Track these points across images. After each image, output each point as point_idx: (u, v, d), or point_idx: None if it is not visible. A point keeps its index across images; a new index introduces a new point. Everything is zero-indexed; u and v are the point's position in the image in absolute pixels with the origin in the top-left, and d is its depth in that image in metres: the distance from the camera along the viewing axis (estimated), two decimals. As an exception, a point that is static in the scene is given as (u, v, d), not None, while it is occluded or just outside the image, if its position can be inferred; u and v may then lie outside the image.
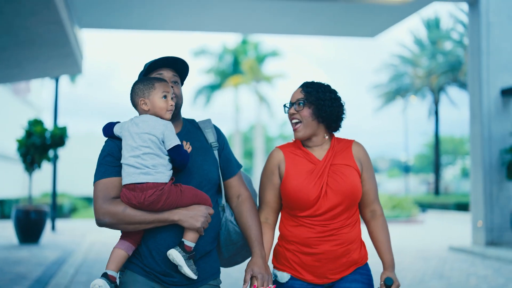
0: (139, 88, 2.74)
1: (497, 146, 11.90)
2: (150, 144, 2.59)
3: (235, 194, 3.01)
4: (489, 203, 11.85)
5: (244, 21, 12.78)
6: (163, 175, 2.58)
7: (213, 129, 3.02)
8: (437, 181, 38.64)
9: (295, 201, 2.94)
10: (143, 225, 2.62)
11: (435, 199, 35.65)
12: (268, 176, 3.09)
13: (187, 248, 2.63)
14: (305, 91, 3.01)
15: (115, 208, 2.60)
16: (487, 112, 11.97)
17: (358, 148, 3.09)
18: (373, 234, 3.08)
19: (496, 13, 12.09)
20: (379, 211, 3.11)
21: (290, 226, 3.00)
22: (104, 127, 2.82)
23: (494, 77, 12.01)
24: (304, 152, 3.04)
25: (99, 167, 2.71)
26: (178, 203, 2.62)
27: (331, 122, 3.00)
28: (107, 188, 2.64)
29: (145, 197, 2.54)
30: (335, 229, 2.92)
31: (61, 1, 7.22)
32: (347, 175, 2.94)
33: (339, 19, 12.45)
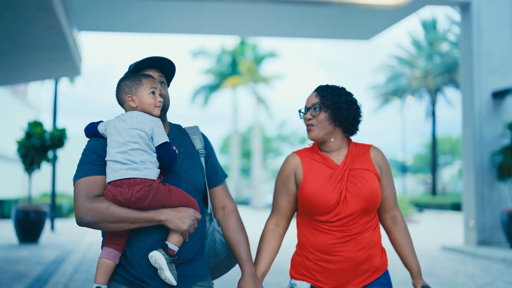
0: (125, 85, 2.67)
1: (489, 147, 12.12)
2: (138, 139, 2.51)
3: (220, 205, 2.94)
4: (481, 204, 12.07)
5: (242, 24, 13.00)
6: (151, 171, 2.49)
7: (201, 136, 2.96)
8: (434, 181, 38.88)
9: (314, 206, 2.87)
10: (127, 223, 2.51)
11: (432, 199, 35.91)
12: (283, 181, 3.01)
13: (170, 251, 2.54)
14: (320, 95, 2.95)
15: (98, 205, 2.48)
16: (479, 114, 12.19)
17: (377, 153, 3.02)
18: (396, 241, 3.00)
19: (487, 18, 12.31)
20: (399, 216, 3.04)
21: (309, 233, 2.93)
22: (86, 127, 2.73)
23: (486, 79, 12.23)
24: (321, 157, 2.98)
25: (82, 165, 2.60)
26: (165, 203, 2.53)
27: (348, 126, 2.95)
28: (90, 186, 2.53)
29: (132, 193, 2.44)
30: (355, 233, 2.85)
31: (60, 6, 7.43)
32: (367, 179, 2.88)
33: (335, 23, 12.67)
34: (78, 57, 10.68)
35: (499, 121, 12.18)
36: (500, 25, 12.36)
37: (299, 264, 2.97)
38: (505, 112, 12.22)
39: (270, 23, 12.81)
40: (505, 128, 11.80)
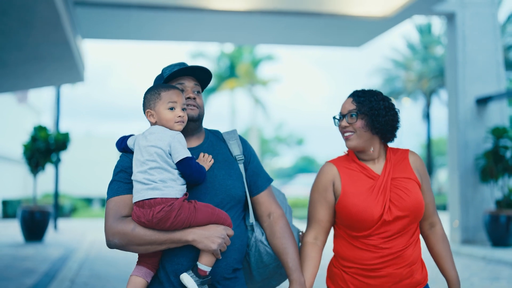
0: (146, 98, 2.57)
1: (472, 151, 12.71)
2: (156, 157, 2.41)
3: (265, 212, 2.75)
4: (465, 205, 12.67)
5: (237, 33, 13.59)
6: (173, 189, 2.39)
7: (239, 141, 2.79)
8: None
9: (357, 221, 2.72)
10: (154, 245, 2.40)
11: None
12: (320, 192, 2.86)
13: (201, 272, 2.43)
14: (356, 101, 2.82)
15: (124, 227, 2.40)
16: (463, 120, 12.79)
17: (415, 158, 2.90)
18: (434, 249, 2.89)
19: (471, 28, 12.92)
20: (438, 223, 2.94)
21: (349, 248, 2.80)
22: (118, 142, 2.65)
23: (470, 86, 12.83)
24: (360, 167, 2.85)
25: (112, 184, 2.53)
26: (191, 222, 2.40)
27: (386, 133, 2.82)
28: (118, 206, 2.46)
29: (153, 214, 2.35)
30: (400, 250, 2.73)
31: (67, 23, 8.02)
32: (410, 190, 2.75)
33: (326, 31, 13.24)
34: (82, 66, 11.28)
35: (482, 126, 12.77)
36: (483, 35, 12.96)
37: (336, 276, 2.87)
38: (488, 118, 12.82)
39: (264, 32, 13.40)
40: (488, 133, 12.40)
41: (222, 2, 11.14)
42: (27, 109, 31.50)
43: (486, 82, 12.87)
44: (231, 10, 11.43)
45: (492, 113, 12.84)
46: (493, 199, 12.46)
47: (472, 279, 8.60)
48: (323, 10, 11.68)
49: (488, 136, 12.40)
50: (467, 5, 12.96)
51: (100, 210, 27.04)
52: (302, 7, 11.58)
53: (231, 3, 11.18)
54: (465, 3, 12.94)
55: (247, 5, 11.33)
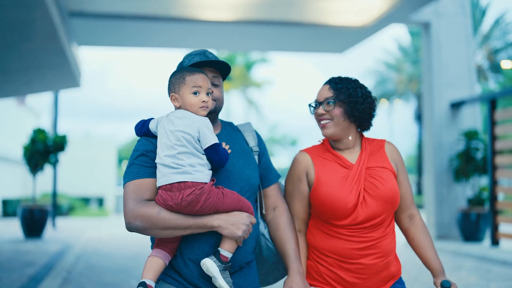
0: (171, 82, 2.54)
1: (446, 153, 13.49)
2: (185, 143, 2.38)
3: (271, 205, 2.78)
4: (440, 203, 13.45)
5: (224, 41, 14.38)
6: (202, 174, 2.38)
7: (254, 133, 2.82)
8: (420, 181, 40.21)
9: (330, 211, 2.66)
10: (178, 230, 2.37)
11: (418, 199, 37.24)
12: (294, 183, 2.80)
13: (223, 258, 2.41)
14: (333, 88, 2.75)
15: (148, 210, 2.35)
16: (438, 123, 13.57)
17: (392, 148, 2.84)
18: (415, 241, 2.81)
19: (445, 36, 13.71)
20: (417, 215, 2.86)
21: (324, 238, 2.73)
22: (137, 125, 2.60)
23: (444, 91, 13.62)
24: (334, 156, 2.77)
25: (131, 167, 2.48)
26: (218, 207, 2.38)
27: (363, 121, 2.77)
28: (140, 189, 2.42)
29: (183, 197, 2.32)
30: (375, 239, 2.66)
31: (63, 34, 8.79)
32: (385, 179, 2.69)
33: (309, 39, 14.01)
34: (78, 72, 12.06)
35: (456, 129, 13.55)
36: (457, 43, 13.75)
37: (310, 268, 2.80)
38: (461, 121, 13.60)
39: (250, 40, 14.18)
40: (460, 136, 13.19)
41: (210, 13, 11.92)
42: (27, 111, 32.14)
43: (459, 88, 13.66)
44: (219, 20, 12.22)
45: (465, 116, 13.62)
46: (465, 197, 13.25)
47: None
48: (305, 20, 12.47)
49: (461, 139, 13.19)
50: (441, 15, 13.76)
51: (97, 210, 27.75)
52: (286, 17, 12.36)
53: (218, 14, 11.96)
54: (439, 13, 13.74)
55: (234, 15, 12.11)
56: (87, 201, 29.70)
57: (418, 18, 13.59)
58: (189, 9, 11.72)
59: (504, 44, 32.13)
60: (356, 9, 11.94)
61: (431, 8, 13.61)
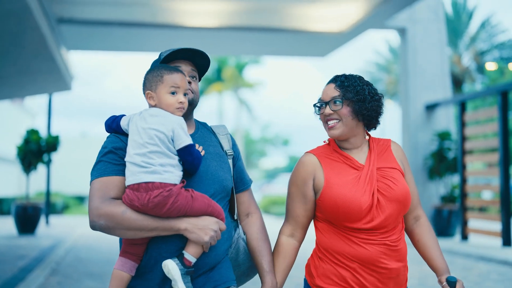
0: (147, 79, 2.46)
1: (421, 152, 14.15)
2: (157, 141, 2.31)
3: (244, 211, 2.73)
4: (415, 200, 14.08)
5: (209, 45, 14.99)
6: (172, 175, 2.31)
7: (229, 136, 2.75)
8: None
9: (344, 213, 2.52)
10: (144, 232, 2.30)
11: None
12: (299, 186, 2.66)
13: (187, 262, 2.33)
14: (340, 86, 2.63)
15: (113, 209, 2.29)
16: (414, 124, 14.22)
17: (397, 148, 2.76)
18: (421, 242, 2.70)
19: (420, 42, 14.37)
20: (423, 215, 2.77)
21: (341, 241, 2.58)
22: (107, 121, 2.52)
23: (420, 94, 14.27)
24: (343, 157, 2.65)
25: (98, 164, 2.41)
26: (187, 210, 2.31)
27: (372, 119, 2.65)
28: (106, 187, 2.35)
29: (150, 198, 2.25)
30: (395, 241, 2.55)
31: (52, 41, 9.42)
32: (397, 179, 2.59)
33: (290, 44, 14.63)
34: (69, 76, 12.70)
35: (430, 129, 14.21)
36: (431, 48, 14.41)
37: (330, 273, 2.60)
38: (435, 122, 14.26)
39: (234, 44, 14.82)
40: (434, 136, 13.84)
41: (196, 20, 12.54)
42: (23, 112, 32.61)
43: (434, 90, 14.31)
44: (204, 27, 12.84)
45: (439, 118, 14.28)
46: (438, 195, 13.90)
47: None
48: (286, 26, 13.10)
49: (434, 139, 13.84)
50: (416, 22, 14.41)
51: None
52: (268, 23, 12.99)
53: (203, 20, 12.58)
54: (414, 20, 14.39)
55: (218, 22, 12.73)
56: (81, 200, 30.22)
57: (395, 24, 14.23)
58: (175, 16, 12.35)
59: (491, 46, 32.77)
60: (334, 16, 12.58)
61: (406, 15, 14.26)
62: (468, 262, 9.99)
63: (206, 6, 11.82)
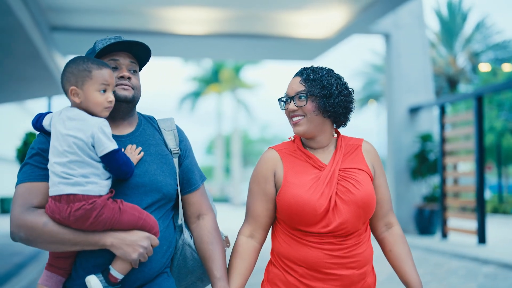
0: (71, 73, 2.17)
1: (405, 153, 14.65)
2: (76, 150, 2.10)
3: (194, 213, 2.48)
4: (400, 199, 14.59)
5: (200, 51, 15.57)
6: (96, 186, 2.11)
7: (175, 132, 2.48)
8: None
9: (298, 216, 2.37)
10: (66, 246, 2.12)
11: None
12: (259, 183, 2.49)
13: (112, 278, 2.15)
14: (305, 80, 2.45)
15: (34, 220, 2.10)
16: (398, 126, 14.73)
17: (369, 148, 2.55)
18: (392, 251, 2.51)
19: (404, 47, 14.87)
20: (395, 223, 2.57)
21: (293, 246, 2.42)
22: (33, 120, 2.27)
23: (404, 97, 14.77)
24: (305, 155, 2.48)
25: (25, 167, 2.21)
26: (113, 224, 2.12)
27: (339, 116, 2.46)
28: (30, 194, 2.16)
29: (71, 211, 2.07)
30: (349, 247, 2.38)
31: (45, 50, 9.96)
32: (361, 182, 2.40)
33: (278, 49, 15.16)
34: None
35: (413, 131, 14.71)
36: (414, 53, 14.92)
37: (277, 279, 2.47)
38: (418, 124, 14.77)
39: (226, 50, 15.36)
40: (416, 138, 14.35)
41: (184, 27, 13.07)
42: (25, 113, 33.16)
43: (417, 93, 14.81)
44: (193, 34, 13.37)
45: (422, 120, 14.78)
46: (420, 195, 14.42)
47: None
48: (272, 33, 13.63)
49: (416, 141, 14.34)
50: (400, 27, 14.91)
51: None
52: (254, 30, 13.52)
53: (192, 28, 13.11)
54: (398, 25, 14.89)
55: (207, 29, 13.26)
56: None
57: (379, 29, 14.74)
58: (165, 24, 12.88)
59: (486, 47, 33.17)
60: (319, 22, 13.07)
61: (390, 20, 14.76)
62: (441, 259, 10.50)
63: (195, 14, 12.33)
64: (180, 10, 12.04)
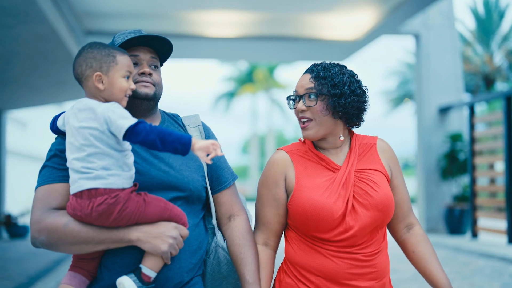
0: (94, 58, 2.06)
1: (435, 153, 14.68)
2: (93, 141, 1.99)
3: (226, 213, 2.37)
4: (429, 199, 14.64)
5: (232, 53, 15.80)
6: (119, 178, 2.00)
7: (201, 128, 2.40)
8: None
9: (314, 221, 2.22)
10: (90, 245, 2.02)
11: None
12: (269, 187, 2.35)
13: (145, 277, 2.05)
14: (315, 77, 2.29)
15: (55, 221, 2.01)
16: (428, 126, 14.77)
17: (385, 147, 2.41)
18: (415, 252, 2.38)
19: (434, 47, 14.90)
20: (416, 224, 2.45)
21: (308, 253, 2.27)
22: (51, 122, 2.22)
23: (433, 97, 14.81)
24: (317, 156, 2.34)
25: (43, 170, 2.15)
26: (139, 218, 2.01)
27: (352, 117, 2.30)
28: (49, 196, 2.08)
29: (93, 207, 1.97)
30: (369, 256, 2.24)
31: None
32: (378, 183, 2.26)
33: (307, 51, 15.34)
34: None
35: (443, 131, 14.74)
36: (444, 53, 14.94)
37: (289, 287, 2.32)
38: (448, 124, 14.79)
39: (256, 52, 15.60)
40: (446, 138, 14.38)
41: (215, 30, 13.35)
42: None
43: (447, 93, 14.83)
44: (224, 37, 13.64)
45: (452, 120, 14.79)
46: (450, 194, 14.45)
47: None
48: (301, 35, 13.82)
49: (446, 141, 14.37)
50: (430, 27, 14.94)
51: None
52: (284, 32, 13.72)
53: (223, 31, 13.39)
54: (428, 26, 14.93)
55: (237, 32, 13.53)
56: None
57: (409, 29, 14.79)
58: (197, 27, 13.18)
59: (523, 44, 32.72)
60: (347, 24, 13.21)
61: (420, 21, 14.80)
62: (468, 258, 10.56)
63: (226, 17, 12.60)
64: (212, 13, 12.31)
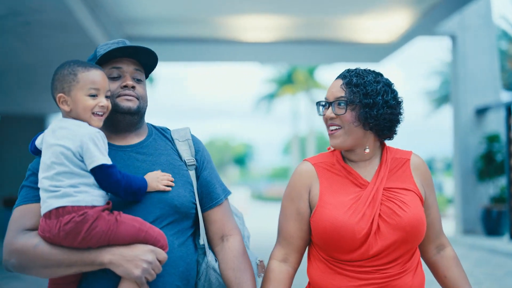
0: (58, 79, 1.98)
1: (472, 154, 14.65)
2: (63, 160, 1.89)
3: (217, 232, 2.23)
4: (466, 200, 14.61)
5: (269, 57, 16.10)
6: (88, 195, 1.89)
7: (190, 141, 2.27)
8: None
9: (334, 241, 2.10)
10: (62, 268, 1.90)
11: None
12: (293, 200, 2.21)
13: None
14: (347, 84, 2.15)
15: (25, 243, 1.91)
16: (464, 127, 14.75)
17: (419, 164, 2.25)
18: (447, 276, 2.27)
19: (470, 48, 14.86)
20: (448, 245, 2.33)
21: (325, 273, 2.16)
22: (30, 143, 2.11)
23: (470, 98, 14.77)
24: (345, 170, 2.20)
25: (21, 190, 2.05)
26: (110, 238, 1.88)
27: (383, 129, 2.16)
28: (24, 216, 1.98)
29: (60, 226, 1.84)
30: (392, 277, 2.10)
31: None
32: (408, 204, 2.12)
33: (343, 54, 15.50)
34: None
35: (480, 132, 14.69)
36: (481, 53, 14.88)
37: None
38: (485, 125, 14.73)
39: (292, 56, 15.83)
40: (483, 139, 14.35)
41: (252, 35, 13.64)
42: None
43: (483, 94, 14.78)
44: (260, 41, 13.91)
45: (489, 121, 14.74)
46: (487, 196, 14.40)
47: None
48: (336, 38, 13.98)
49: (483, 142, 14.33)
50: (466, 28, 14.91)
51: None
52: (319, 36, 13.91)
53: (259, 35, 13.66)
54: (465, 27, 14.90)
55: (273, 36, 13.78)
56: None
57: (444, 30, 14.79)
58: (233, 32, 13.49)
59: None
60: (381, 27, 13.31)
61: (456, 21, 14.79)
62: (503, 260, 10.57)
63: (261, 22, 12.86)
64: (247, 18, 12.58)
